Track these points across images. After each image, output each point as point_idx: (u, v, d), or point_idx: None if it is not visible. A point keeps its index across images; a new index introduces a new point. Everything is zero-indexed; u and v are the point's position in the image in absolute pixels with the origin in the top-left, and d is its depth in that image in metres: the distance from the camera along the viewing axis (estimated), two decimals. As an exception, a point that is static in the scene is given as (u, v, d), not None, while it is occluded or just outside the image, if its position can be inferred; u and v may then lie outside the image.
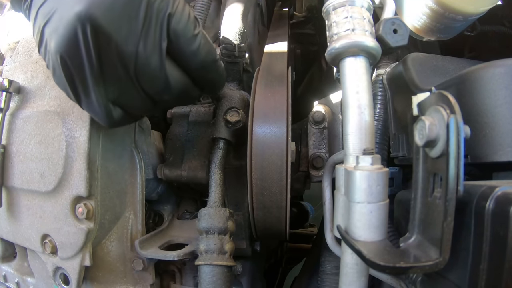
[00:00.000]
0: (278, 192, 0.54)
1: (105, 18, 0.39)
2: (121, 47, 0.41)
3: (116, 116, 0.46)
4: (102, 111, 0.44)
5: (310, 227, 1.27)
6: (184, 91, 0.49)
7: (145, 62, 0.43)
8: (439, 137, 0.32)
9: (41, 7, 0.42)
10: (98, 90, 0.43)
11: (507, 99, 0.36)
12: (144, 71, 0.44)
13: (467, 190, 0.32)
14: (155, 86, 0.46)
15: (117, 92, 0.45)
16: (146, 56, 0.43)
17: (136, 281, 0.62)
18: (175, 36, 0.45)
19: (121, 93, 0.45)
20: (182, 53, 0.47)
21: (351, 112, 0.43)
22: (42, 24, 0.41)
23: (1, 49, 0.75)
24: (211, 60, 0.50)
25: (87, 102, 0.44)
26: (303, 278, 0.79)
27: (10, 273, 0.70)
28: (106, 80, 0.43)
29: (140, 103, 0.47)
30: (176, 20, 0.44)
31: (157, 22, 0.43)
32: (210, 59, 0.49)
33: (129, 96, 0.46)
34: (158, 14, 0.42)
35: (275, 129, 0.53)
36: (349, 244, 0.38)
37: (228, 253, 0.56)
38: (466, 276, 0.31)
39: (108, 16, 0.39)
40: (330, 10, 0.47)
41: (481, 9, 0.48)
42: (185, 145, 0.68)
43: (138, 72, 0.44)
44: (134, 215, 0.62)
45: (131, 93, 0.45)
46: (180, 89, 0.48)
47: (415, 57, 0.48)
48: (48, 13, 0.40)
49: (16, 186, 0.60)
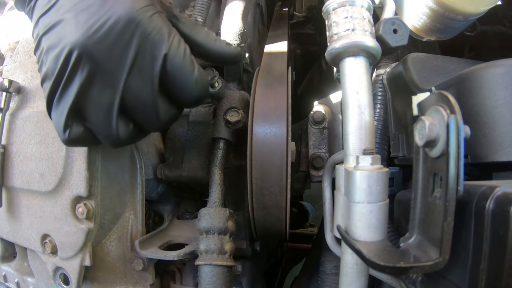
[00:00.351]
0: (278, 192, 0.54)
1: (97, 49, 0.40)
2: (110, 76, 0.42)
3: (74, 133, 0.45)
4: (61, 124, 0.44)
5: (310, 227, 1.27)
6: (172, 119, 0.50)
7: (136, 95, 0.44)
8: (439, 137, 0.32)
9: (42, 17, 0.43)
10: (70, 107, 0.43)
11: (507, 99, 0.36)
12: (134, 103, 0.44)
13: (467, 190, 0.32)
14: (144, 118, 0.46)
15: (94, 117, 0.44)
16: (137, 89, 0.43)
17: (136, 281, 0.62)
18: (171, 72, 0.45)
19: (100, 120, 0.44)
20: (177, 89, 0.46)
21: (351, 112, 0.43)
22: (41, 33, 0.43)
23: (1, 49, 0.75)
24: (204, 93, 0.50)
25: (54, 113, 0.44)
26: (303, 278, 0.79)
27: (10, 273, 0.70)
28: (85, 103, 0.43)
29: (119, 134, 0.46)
30: (172, 56, 0.44)
31: (151, 55, 0.43)
32: (204, 92, 0.49)
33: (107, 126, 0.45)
34: (152, 48, 0.43)
35: (275, 129, 0.53)
36: (349, 244, 0.38)
37: (228, 253, 0.56)
38: (466, 276, 0.31)
39: (100, 46, 0.40)
40: (330, 10, 0.47)
41: (481, 9, 0.48)
42: (185, 145, 0.68)
43: (128, 103, 0.44)
44: (134, 215, 0.62)
45: (109, 122, 0.44)
46: (168, 119, 0.48)
47: (415, 57, 0.48)
48: (48, 25, 0.42)
49: (16, 186, 0.60)
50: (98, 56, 0.41)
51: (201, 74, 0.48)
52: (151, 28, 0.42)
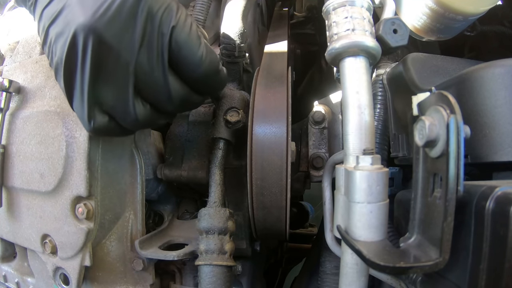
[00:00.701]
0: (278, 192, 0.54)
1: (107, 29, 0.40)
2: (122, 57, 0.42)
3: (98, 122, 0.45)
4: (84, 114, 0.44)
5: (310, 227, 1.27)
6: (186, 100, 0.50)
7: (148, 73, 0.44)
8: (439, 137, 0.32)
9: (46, 8, 0.43)
10: (88, 94, 0.43)
11: (507, 99, 0.36)
12: (146, 82, 0.45)
13: (467, 190, 0.32)
14: (157, 97, 0.47)
15: (111, 100, 0.45)
16: (148, 67, 0.44)
17: (136, 281, 0.62)
18: (177, 48, 0.45)
19: (117, 102, 0.45)
20: (184, 64, 0.47)
21: (351, 112, 0.43)
22: (47, 24, 0.43)
23: (1, 49, 0.75)
24: (213, 70, 0.49)
25: (76, 104, 0.45)
26: (303, 278, 0.79)
27: (10, 273, 0.70)
28: (101, 87, 0.43)
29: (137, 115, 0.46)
30: (178, 32, 0.44)
31: (159, 33, 0.43)
32: (213, 69, 0.49)
33: (124, 107, 0.45)
34: (160, 25, 0.43)
35: (275, 129, 0.53)
36: (349, 244, 0.38)
37: (228, 253, 0.56)
38: (466, 276, 0.31)
39: (109, 27, 0.40)
40: (330, 10, 0.47)
41: (481, 9, 0.48)
42: (185, 145, 0.68)
43: (140, 83, 0.44)
44: (134, 215, 0.62)
45: (126, 103, 0.45)
46: (181, 98, 0.49)
47: (415, 57, 0.48)
48: (53, 14, 0.42)
49: (16, 186, 0.60)
50: (108, 36, 0.40)
51: (208, 51, 0.48)
52: (159, 4, 0.43)
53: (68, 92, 0.44)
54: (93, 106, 0.44)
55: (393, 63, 0.54)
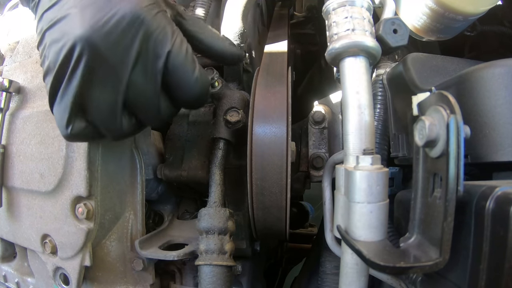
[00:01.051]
0: (278, 192, 0.54)
1: (103, 41, 0.41)
2: (115, 71, 0.42)
3: (76, 129, 0.45)
4: (64, 119, 0.44)
5: (310, 227, 1.27)
6: (172, 116, 0.51)
7: (140, 91, 0.45)
8: (439, 137, 0.32)
9: (46, 12, 0.43)
10: (73, 101, 0.43)
11: (507, 99, 0.36)
12: (137, 99, 0.45)
13: (467, 190, 0.32)
14: (145, 113, 0.48)
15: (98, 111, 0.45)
16: (141, 86, 0.44)
17: (136, 281, 0.62)
18: (173, 71, 0.45)
19: (104, 114, 0.45)
20: (178, 87, 0.47)
21: (351, 112, 0.43)
22: (45, 28, 0.43)
23: (1, 49, 0.75)
24: (205, 92, 0.50)
25: (57, 108, 0.45)
26: (303, 278, 0.79)
27: (10, 273, 0.70)
28: (89, 97, 0.43)
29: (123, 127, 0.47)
30: (175, 55, 0.45)
31: (155, 53, 0.44)
32: (205, 92, 0.50)
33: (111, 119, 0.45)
34: (155, 47, 0.44)
35: (275, 129, 0.53)
36: (349, 244, 0.38)
37: (228, 253, 0.56)
38: (466, 276, 0.31)
39: (106, 40, 0.41)
40: (330, 10, 0.47)
41: (481, 9, 0.48)
42: (185, 145, 0.68)
43: (130, 99, 0.45)
44: (134, 215, 0.62)
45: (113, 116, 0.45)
46: (168, 115, 0.50)
47: (415, 57, 0.48)
48: (52, 20, 0.42)
49: (16, 186, 0.60)
50: (102, 50, 0.41)
51: (202, 74, 0.49)
52: (155, 26, 0.43)
53: (51, 94, 0.44)
54: (74, 114, 0.44)
55: (393, 63, 0.54)
